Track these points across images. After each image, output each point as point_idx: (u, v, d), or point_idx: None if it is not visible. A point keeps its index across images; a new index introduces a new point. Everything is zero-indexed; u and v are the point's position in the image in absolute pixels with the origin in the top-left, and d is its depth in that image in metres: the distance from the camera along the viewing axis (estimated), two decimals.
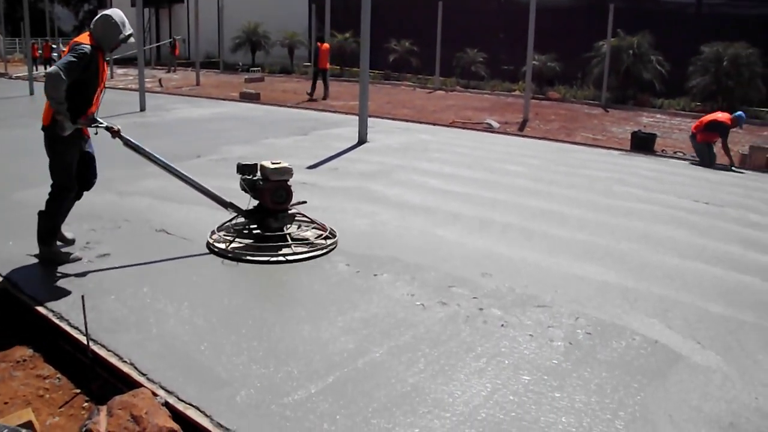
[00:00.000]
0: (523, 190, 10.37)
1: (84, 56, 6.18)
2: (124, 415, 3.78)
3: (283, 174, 7.12)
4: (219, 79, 34.41)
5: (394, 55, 36.51)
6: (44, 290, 5.88)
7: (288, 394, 4.31)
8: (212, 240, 7.17)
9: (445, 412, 4.16)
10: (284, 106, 22.84)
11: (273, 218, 7.18)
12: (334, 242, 7.24)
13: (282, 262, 6.73)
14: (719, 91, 24.53)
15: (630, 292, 6.27)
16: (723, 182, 12.32)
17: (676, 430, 4.06)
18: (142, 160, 7.00)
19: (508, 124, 19.83)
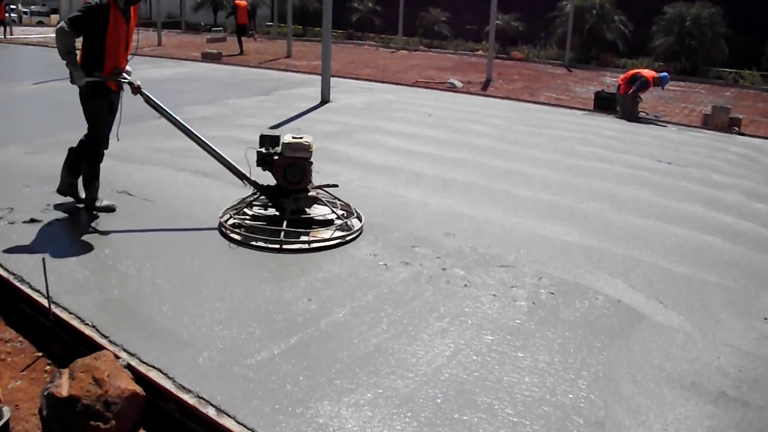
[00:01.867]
0: (486, 149, 10.34)
1: (89, 9, 6.22)
2: (87, 378, 3.73)
3: (296, 150, 6.48)
4: (181, 39, 33.95)
5: (357, 15, 36.28)
6: (4, 253, 5.77)
7: (251, 355, 4.27)
8: (223, 220, 6.60)
9: (408, 372, 4.14)
10: (246, 66, 22.61)
11: (287, 198, 6.54)
12: (359, 231, 6.51)
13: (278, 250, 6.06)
14: (682, 51, 24.64)
15: (593, 252, 6.28)
16: (686, 142, 12.36)
17: (639, 390, 4.07)
18: None
19: (471, 83, 19.77)
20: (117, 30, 6.40)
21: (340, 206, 6.94)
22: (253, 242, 6.13)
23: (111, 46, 6.42)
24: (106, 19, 6.29)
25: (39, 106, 14.09)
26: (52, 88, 16.41)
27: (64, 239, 6.18)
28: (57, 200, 7.14)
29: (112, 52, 6.45)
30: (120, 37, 6.47)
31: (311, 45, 30.40)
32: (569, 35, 26.03)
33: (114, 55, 6.49)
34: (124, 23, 6.49)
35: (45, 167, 8.33)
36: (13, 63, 24.30)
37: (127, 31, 6.57)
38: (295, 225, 6.37)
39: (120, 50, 6.54)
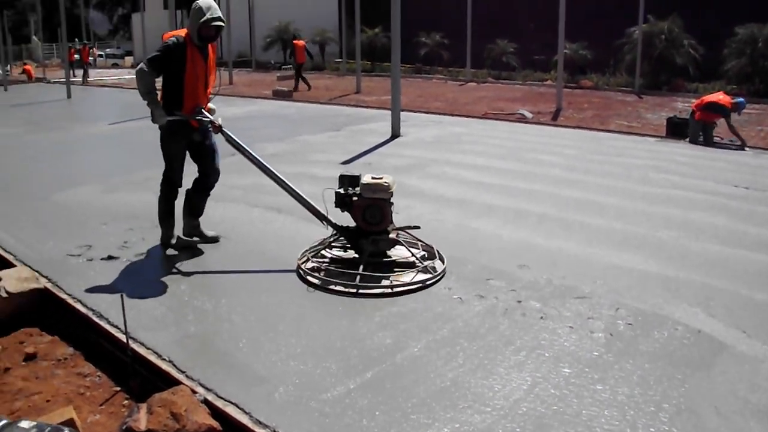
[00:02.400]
0: (558, 180, 10.27)
1: (166, 49, 6.39)
2: (164, 412, 3.79)
3: (375, 191, 6.32)
4: (251, 77, 34.56)
5: (425, 49, 36.49)
6: (84, 289, 5.93)
7: (327, 390, 4.29)
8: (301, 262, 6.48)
9: (485, 406, 4.11)
10: (317, 103, 22.87)
11: (366, 240, 6.38)
12: (441, 274, 6.27)
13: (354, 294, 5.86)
14: (755, 72, 24.12)
15: (671, 281, 6.17)
16: (763, 166, 12.09)
17: (724, 422, 3.97)
18: None
19: (541, 114, 19.68)
20: (195, 68, 6.51)
21: (422, 248, 6.75)
22: (332, 287, 5.99)
23: (190, 84, 6.52)
24: (183, 57, 6.42)
25: (114, 146, 14.50)
26: (126, 129, 16.86)
27: (141, 276, 6.33)
28: (134, 238, 7.30)
29: (191, 90, 6.55)
30: (198, 75, 6.57)
31: (380, 80, 30.63)
32: (638, 61, 25.75)
33: (193, 94, 6.58)
34: (202, 61, 6.59)
35: (121, 205, 8.56)
36: (90, 104, 25.01)
37: (205, 69, 6.65)
38: (375, 267, 6.26)
39: (199, 88, 6.62)
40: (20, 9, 78.87)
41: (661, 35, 26.43)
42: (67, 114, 22.07)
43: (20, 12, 78.34)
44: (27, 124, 18.47)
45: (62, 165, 12.07)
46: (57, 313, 5.79)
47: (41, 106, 24.36)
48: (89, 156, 13.41)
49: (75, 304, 5.68)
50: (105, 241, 7.28)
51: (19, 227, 7.92)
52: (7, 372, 4.83)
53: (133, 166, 11.47)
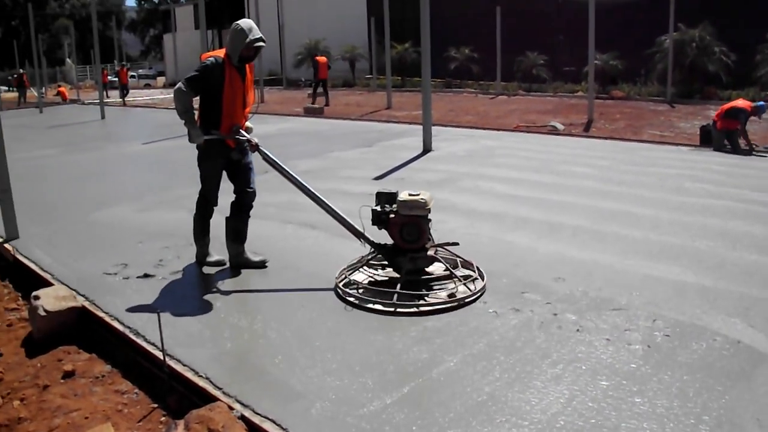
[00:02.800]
0: (592, 191, 10.22)
1: (204, 69, 6.41)
2: (201, 429, 3.81)
3: (412, 208, 6.18)
4: (282, 95, 34.80)
5: (455, 63, 36.57)
6: (121, 308, 5.99)
7: (363, 406, 4.28)
8: (339, 281, 6.42)
9: (522, 420, 4.09)
10: (348, 119, 22.96)
11: (404, 257, 6.29)
12: (481, 291, 6.16)
13: (391, 313, 5.77)
14: None
15: (709, 292, 6.11)
16: None
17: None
18: None
19: (572, 125, 19.63)
20: (233, 87, 6.49)
21: (461, 264, 6.66)
22: (369, 305, 5.90)
23: (227, 103, 6.50)
24: (221, 77, 6.41)
25: (148, 165, 14.66)
26: (160, 148, 17.04)
27: (177, 293, 6.37)
28: (169, 255, 7.36)
29: (228, 109, 6.53)
30: (236, 95, 6.55)
31: (410, 95, 30.69)
32: (670, 70, 25.60)
33: (231, 113, 6.56)
34: (240, 80, 6.57)
35: (156, 224, 8.64)
36: (124, 125, 25.30)
37: (243, 89, 6.62)
38: (414, 285, 6.19)
39: (237, 108, 6.60)
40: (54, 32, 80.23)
41: (692, 43, 26.29)
42: (101, 134, 22.35)
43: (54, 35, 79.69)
44: (63, 145, 18.73)
45: (98, 185, 12.22)
46: (94, 331, 5.85)
47: (76, 127, 24.68)
48: (124, 175, 13.55)
49: (112, 322, 5.74)
50: (141, 259, 7.35)
51: (56, 247, 8.02)
52: (46, 389, 4.89)
53: (167, 184, 11.59)
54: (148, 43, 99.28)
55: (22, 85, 42.33)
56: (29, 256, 7.69)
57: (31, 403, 4.75)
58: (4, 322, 6.25)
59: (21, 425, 4.51)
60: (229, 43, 6.57)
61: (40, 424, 4.47)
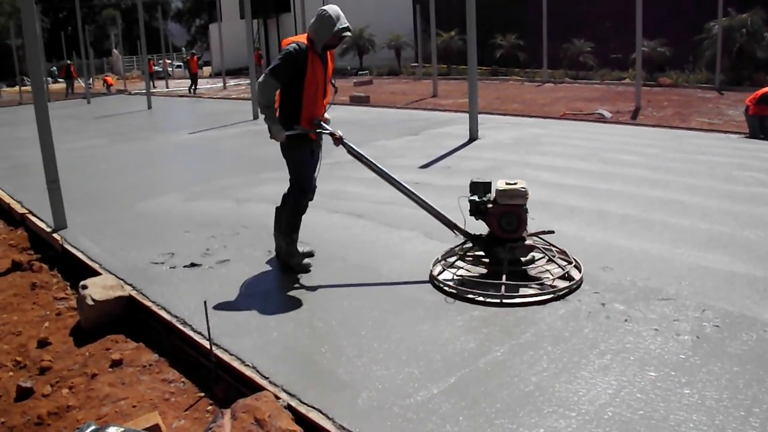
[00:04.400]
0: (639, 179, 10.12)
1: (289, 56, 6.10)
2: (248, 418, 3.84)
3: (512, 197, 6.13)
4: None
5: (501, 51, 36.30)
6: (168, 297, 6.06)
7: (410, 396, 4.30)
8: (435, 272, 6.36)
9: (570, 411, 4.08)
10: (394, 107, 22.95)
11: (501, 248, 6.22)
12: (578, 282, 6.08)
13: (497, 304, 5.70)
14: None
15: (759, 282, 6.03)
16: None
17: None
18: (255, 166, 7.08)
19: (620, 113, 19.43)
20: (315, 77, 6.21)
21: (557, 254, 6.60)
22: (471, 296, 5.82)
23: (309, 94, 6.24)
24: (305, 65, 6.12)
25: (194, 155, 14.81)
26: (206, 137, 17.20)
27: (223, 283, 6.44)
28: (216, 245, 7.41)
29: (309, 101, 6.27)
30: (318, 84, 6.28)
31: (456, 83, 30.58)
32: (718, 57, 25.17)
33: (312, 105, 6.30)
34: (322, 69, 6.31)
35: (203, 213, 8.72)
36: (170, 115, 25.53)
37: (324, 78, 6.36)
38: (513, 276, 6.11)
39: (318, 99, 6.34)
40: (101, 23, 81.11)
41: (741, 29, 25.80)
42: (148, 124, 22.59)
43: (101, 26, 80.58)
44: (110, 135, 18.99)
45: (145, 174, 12.36)
46: (142, 320, 5.93)
47: (123, 117, 24.98)
48: (170, 165, 13.71)
49: (159, 311, 5.82)
50: (187, 248, 7.42)
51: (103, 236, 8.14)
52: (94, 378, 4.96)
53: (213, 174, 11.69)
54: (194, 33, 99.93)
55: (69, 76, 42.81)
56: (77, 245, 7.81)
57: (79, 392, 4.83)
58: (53, 311, 6.35)
59: (70, 413, 4.59)
60: (314, 30, 6.22)
61: (89, 412, 4.54)
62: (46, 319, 6.19)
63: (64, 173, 8.99)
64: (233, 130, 18.73)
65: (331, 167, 11.23)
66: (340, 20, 6.16)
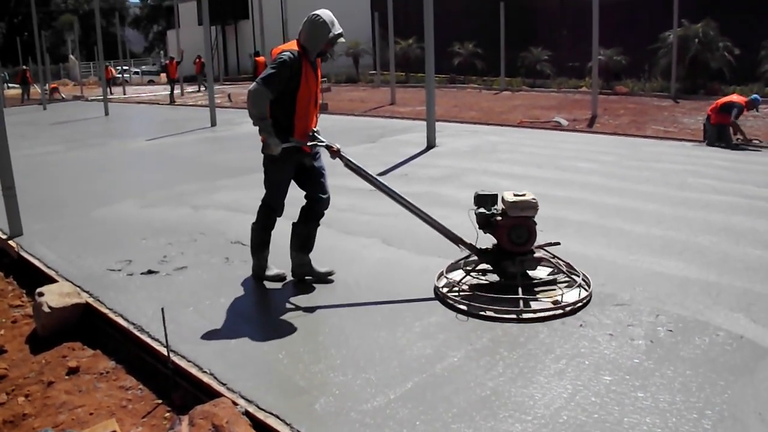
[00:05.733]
0: (595, 186, 10.23)
1: (284, 65, 5.76)
2: (206, 424, 3.83)
3: (523, 209, 5.96)
4: None
5: (459, 59, 36.47)
6: (125, 304, 6.01)
7: (367, 401, 4.31)
8: (440, 285, 6.16)
9: (525, 415, 4.11)
10: (352, 115, 22.96)
11: (510, 261, 6.03)
12: (588, 296, 5.88)
13: (513, 320, 5.48)
14: None
15: (712, 287, 6.12)
16: None
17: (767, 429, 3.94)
18: (213, 173, 7.04)
19: (576, 121, 19.62)
20: (308, 86, 5.92)
21: (565, 266, 6.39)
22: (483, 312, 5.61)
23: (302, 104, 5.95)
24: (299, 74, 5.83)
25: (151, 162, 14.73)
26: (163, 144, 17.11)
27: (181, 289, 6.39)
28: (173, 252, 7.37)
29: (303, 111, 5.98)
30: (311, 94, 6.00)
31: (414, 91, 30.68)
32: (674, 66, 25.53)
33: (305, 115, 6.02)
34: (314, 78, 6.03)
35: (160, 220, 8.67)
36: (127, 121, 25.34)
37: (316, 87, 6.09)
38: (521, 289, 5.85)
39: (311, 108, 6.06)
40: (58, 28, 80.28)
41: (695, 39, 26.19)
42: (105, 131, 22.38)
43: (58, 31, 79.78)
44: (67, 141, 18.79)
45: (101, 181, 12.25)
46: (99, 327, 5.88)
47: (80, 123, 24.73)
48: (127, 172, 13.59)
49: (116, 318, 5.77)
50: (145, 255, 7.37)
51: (60, 243, 8.06)
52: (50, 386, 4.91)
53: (170, 181, 11.62)
54: (152, 40, 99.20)
55: (25, 82, 42.21)
56: (33, 252, 7.72)
57: (35, 400, 4.78)
58: (9, 318, 6.28)
59: (26, 421, 4.54)
60: (307, 37, 5.94)
61: (45, 420, 4.49)
62: (2, 327, 6.12)
63: (20, 180, 8.89)
64: (191, 137, 18.64)
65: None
66: (334, 26, 5.97)
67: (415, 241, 7.54)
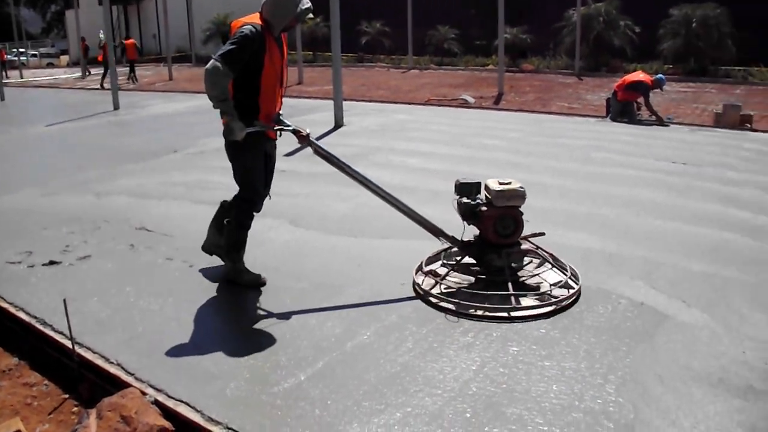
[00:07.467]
0: (502, 162, 10.38)
1: (245, 39, 5.19)
2: (114, 416, 3.76)
3: (510, 198, 5.60)
4: (192, 72, 34.18)
5: (367, 37, 36.47)
6: (26, 297, 5.81)
7: (278, 383, 4.29)
8: (420, 280, 5.79)
9: (435, 389, 4.16)
10: None
11: (496, 254, 5.67)
12: (577, 292, 5.50)
13: (504, 319, 5.12)
14: (690, 52, 24.86)
15: (614, 257, 6.30)
16: (699, 142, 12.39)
17: (667, 390, 4.08)
18: (116, 158, 6.87)
19: (483, 98, 19.83)
20: (273, 64, 5.40)
21: (550, 257, 6.05)
22: (472, 311, 5.23)
23: (267, 85, 5.44)
24: (262, 50, 5.29)
25: (52, 148, 14.31)
26: (64, 130, 16.65)
27: (84, 280, 6.20)
28: (76, 241, 7.20)
29: (268, 92, 5.48)
30: (276, 73, 5.48)
31: (322, 70, 30.56)
32: (578, 44, 26.13)
33: (271, 96, 5.53)
34: (279, 55, 5.50)
35: (61, 208, 8.43)
36: (26, 106, 24.57)
37: (282, 65, 5.57)
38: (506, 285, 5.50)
39: (276, 89, 5.57)
40: None
41: (599, 17, 26.84)
42: (1, 117, 21.69)
43: None
44: None
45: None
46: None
47: None
48: (26, 159, 13.16)
49: (17, 312, 5.53)
50: (46, 246, 7.13)
51: None
52: None
53: (72, 167, 11.30)
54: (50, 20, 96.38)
55: None
56: None
57: None
58: None
59: None
60: (272, 10, 5.40)
61: None
62: None
63: None
64: (93, 121, 18.17)
65: (193, 157, 11.14)
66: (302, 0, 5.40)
67: (323, 222, 7.55)
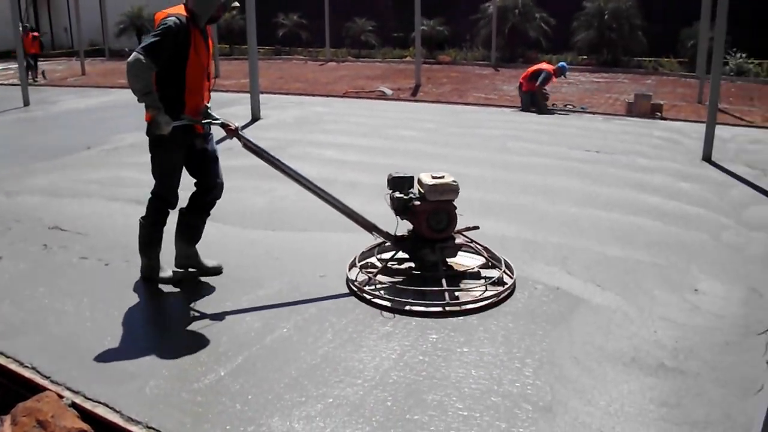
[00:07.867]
0: (418, 153, 10.44)
1: (168, 32, 5.05)
2: (30, 421, 3.68)
3: (443, 192, 5.61)
4: (105, 66, 33.59)
5: (283, 30, 36.18)
6: None
7: (198, 380, 4.26)
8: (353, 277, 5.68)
9: (356, 379, 4.19)
10: None
11: (430, 249, 5.63)
12: (511, 286, 5.44)
13: (440, 314, 5.05)
14: (603, 43, 25.45)
15: (529, 244, 6.41)
16: (612, 131, 12.67)
17: (582, 371, 4.18)
18: (27, 156, 6.65)
19: (401, 90, 19.89)
20: (198, 56, 5.27)
21: (486, 253, 5.99)
22: (409, 307, 5.16)
23: (193, 77, 5.32)
24: (186, 42, 5.16)
25: None
26: None
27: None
28: None
29: (194, 85, 5.36)
30: (202, 65, 5.35)
31: (239, 63, 30.22)
32: (494, 35, 26.41)
33: (197, 90, 5.41)
34: (205, 47, 5.37)
35: None
36: None
37: (208, 57, 5.44)
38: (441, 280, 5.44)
39: (203, 82, 5.46)
40: None
41: (514, 9, 27.23)
42: None
43: None
44: None
45: None
46: None
47: None
48: None
49: None
50: None
51: None
52: None
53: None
54: None
55: None
56: None
57: None
58: None
59: None
60: (197, 0, 5.25)
61: None
62: None
63: None
64: (1, 118, 17.74)
65: (107, 153, 10.93)
66: None
67: (242, 217, 7.49)
